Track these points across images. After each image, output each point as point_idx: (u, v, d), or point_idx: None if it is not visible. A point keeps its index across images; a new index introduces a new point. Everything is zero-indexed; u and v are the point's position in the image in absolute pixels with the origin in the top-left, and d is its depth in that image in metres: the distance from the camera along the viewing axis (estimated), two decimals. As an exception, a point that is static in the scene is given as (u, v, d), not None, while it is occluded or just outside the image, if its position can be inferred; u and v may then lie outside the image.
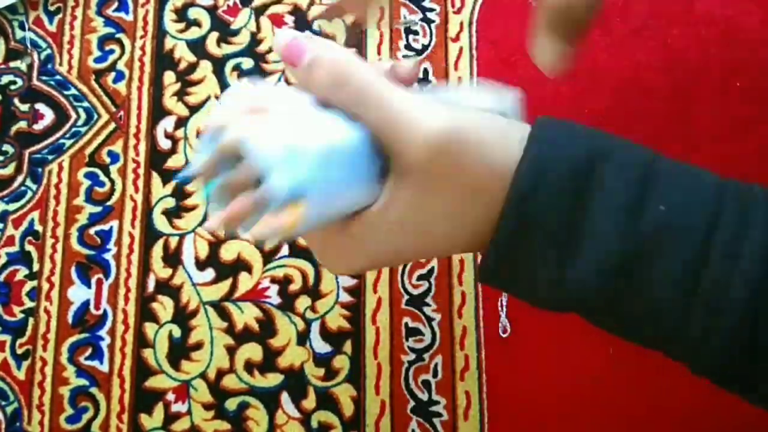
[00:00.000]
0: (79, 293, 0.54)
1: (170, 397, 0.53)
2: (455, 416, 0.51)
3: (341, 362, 0.52)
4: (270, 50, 0.58)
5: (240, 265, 0.54)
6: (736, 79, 0.54)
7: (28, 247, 0.55)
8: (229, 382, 0.52)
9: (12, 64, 0.59)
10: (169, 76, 0.58)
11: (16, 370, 0.53)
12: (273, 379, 0.52)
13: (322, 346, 0.53)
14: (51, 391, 0.53)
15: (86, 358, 0.53)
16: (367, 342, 0.52)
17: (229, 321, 0.53)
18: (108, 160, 0.57)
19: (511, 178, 0.27)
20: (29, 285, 0.55)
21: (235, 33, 0.58)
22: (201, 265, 0.54)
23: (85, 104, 0.58)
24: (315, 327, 0.53)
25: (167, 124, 0.57)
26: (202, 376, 0.53)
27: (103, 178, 0.56)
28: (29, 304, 0.54)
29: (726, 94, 0.54)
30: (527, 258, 0.28)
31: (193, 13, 0.59)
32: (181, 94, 0.58)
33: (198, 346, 0.53)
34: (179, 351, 0.53)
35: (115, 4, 0.60)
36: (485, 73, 0.56)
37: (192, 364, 0.53)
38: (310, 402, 0.52)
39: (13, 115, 0.58)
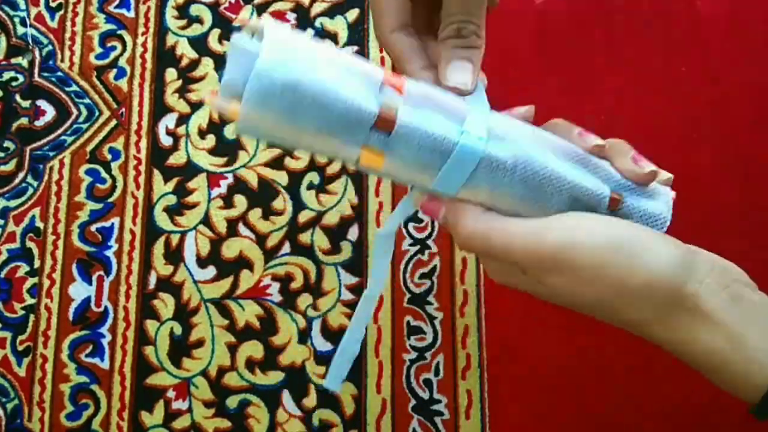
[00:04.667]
0: (80, 290, 0.54)
1: (171, 394, 0.52)
2: (457, 415, 0.51)
3: (342, 360, 0.52)
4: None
5: (241, 263, 0.54)
6: (738, 79, 0.54)
7: (29, 244, 0.55)
8: (230, 379, 0.52)
9: (13, 61, 0.59)
10: (170, 73, 0.58)
11: (16, 367, 0.53)
12: (274, 377, 0.52)
13: (323, 344, 0.53)
14: (51, 388, 0.53)
15: (87, 356, 0.53)
16: (368, 340, 0.52)
17: (230, 318, 0.53)
18: (109, 156, 0.57)
19: None
20: (30, 282, 0.54)
21: (237, 30, 0.58)
22: (202, 262, 0.54)
23: (87, 101, 0.57)
24: (316, 325, 0.53)
25: (169, 121, 0.57)
26: (203, 373, 0.53)
27: (104, 174, 0.56)
28: (30, 300, 0.54)
29: (727, 94, 0.54)
30: None
31: (194, 9, 0.59)
32: (182, 91, 0.57)
33: (199, 343, 0.53)
34: (180, 348, 0.53)
35: (117, 1, 0.59)
36: (486, 69, 0.56)
37: (193, 361, 0.53)
38: (311, 400, 0.52)
39: (15, 111, 0.57)
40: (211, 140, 0.56)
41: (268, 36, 0.31)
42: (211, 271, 0.54)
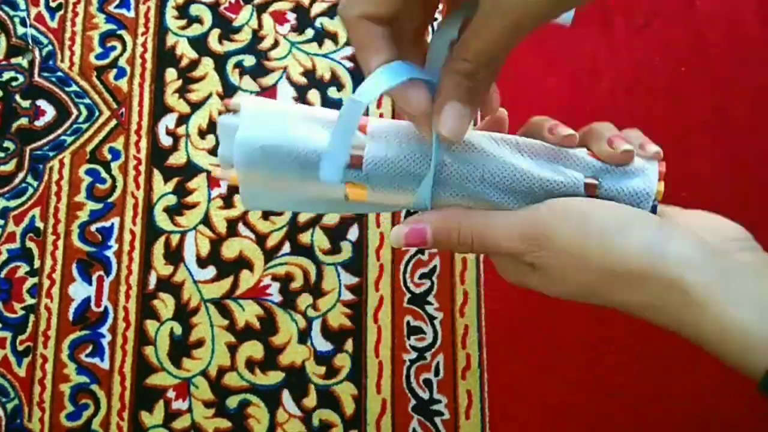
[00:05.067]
0: (80, 290, 0.54)
1: (171, 394, 0.52)
2: (456, 415, 0.51)
3: (342, 360, 0.52)
4: (271, 48, 0.58)
5: (241, 263, 0.54)
6: (738, 79, 0.54)
7: (29, 244, 0.55)
8: (230, 379, 0.52)
9: (13, 61, 0.59)
10: (170, 73, 0.58)
11: (16, 367, 0.53)
12: (274, 377, 0.52)
13: (323, 344, 0.53)
14: (51, 388, 0.53)
15: (87, 356, 0.53)
16: (368, 340, 0.52)
17: (230, 319, 0.53)
18: (109, 156, 0.57)
19: None
20: (30, 282, 0.54)
21: (237, 30, 0.58)
22: (202, 262, 0.54)
23: (87, 101, 0.57)
24: (316, 325, 0.53)
25: (169, 121, 0.57)
26: (203, 373, 0.53)
27: (104, 174, 0.56)
28: (30, 300, 0.54)
29: (727, 94, 0.54)
30: None
31: (194, 9, 0.59)
32: (182, 91, 0.57)
33: (199, 343, 0.53)
34: (180, 348, 0.53)
35: (117, 1, 0.59)
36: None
37: (193, 361, 0.53)
38: (311, 400, 0.52)
39: (15, 111, 0.57)
40: (211, 140, 0.56)
41: (243, 110, 0.36)
42: (211, 271, 0.54)
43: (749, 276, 0.31)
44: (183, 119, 0.57)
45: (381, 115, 0.56)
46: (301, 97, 0.57)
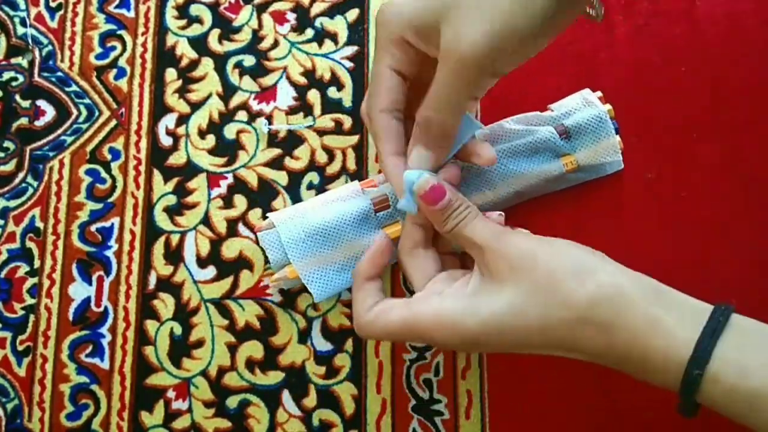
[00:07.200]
0: (79, 290, 0.54)
1: (171, 394, 0.52)
2: (457, 415, 0.51)
3: (342, 360, 0.52)
4: (271, 48, 0.58)
5: (241, 263, 0.54)
6: (738, 79, 0.54)
7: (29, 244, 0.55)
8: (230, 379, 0.52)
9: (13, 61, 0.59)
10: (170, 73, 0.58)
11: (16, 367, 0.53)
12: (274, 377, 0.52)
13: (323, 344, 0.53)
14: (51, 388, 0.53)
15: (87, 356, 0.53)
16: (368, 340, 0.52)
17: (230, 319, 0.53)
18: (109, 156, 0.57)
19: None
20: (30, 282, 0.54)
21: (237, 30, 0.58)
22: (202, 262, 0.54)
23: (87, 101, 0.58)
24: (316, 325, 0.53)
25: (169, 121, 0.57)
26: (203, 373, 0.53)
27: (104, 174, 0.56)
28: (30, 300, 0.54)
29: (727, 94, 0.54)
30: None
31: (194, 9, 0.59)
32: (182, 91, 0.57)
33: (199, 343, 0.53)
34: (180, 348, 0.53)
35: (117, 1, 0.59)
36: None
37: (193, 361, 0.53)
38: (311, 400, 0.52)
39: (15, 111, 0.57)
40: (211, 140, 0.56)
41: (275, 220, 0.48)
42: (211, 271, 0.54)
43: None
44: (183, 119, 0.57)
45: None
46: (301, 97, 0.57)
